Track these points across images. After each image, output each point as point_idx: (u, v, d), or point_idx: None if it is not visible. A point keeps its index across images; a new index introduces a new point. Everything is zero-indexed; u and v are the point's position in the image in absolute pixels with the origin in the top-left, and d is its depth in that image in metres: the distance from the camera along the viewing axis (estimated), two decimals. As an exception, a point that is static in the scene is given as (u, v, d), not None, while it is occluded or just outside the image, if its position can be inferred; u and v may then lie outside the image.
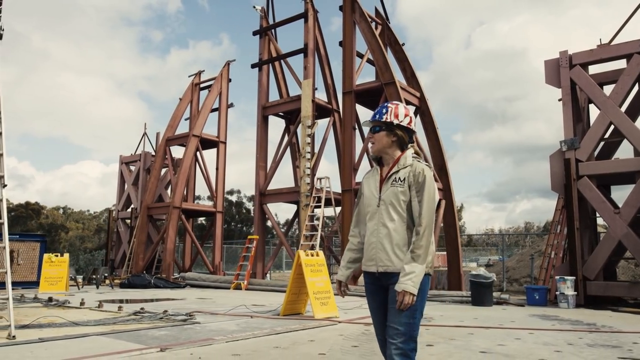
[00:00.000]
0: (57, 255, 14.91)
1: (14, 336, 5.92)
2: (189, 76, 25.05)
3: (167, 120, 23.61)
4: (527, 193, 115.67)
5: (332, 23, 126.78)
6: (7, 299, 6.19)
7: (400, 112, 3.03)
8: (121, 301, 11.32)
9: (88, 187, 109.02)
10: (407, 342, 2.73)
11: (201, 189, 42.76)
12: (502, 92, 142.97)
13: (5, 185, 6.63)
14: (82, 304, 9.85)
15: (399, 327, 2.74)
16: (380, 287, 2.93)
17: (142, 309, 8.66)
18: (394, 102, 3.13)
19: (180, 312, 8.51)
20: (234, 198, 63.12)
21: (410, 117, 3.06)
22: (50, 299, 10.55)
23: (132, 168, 26.50)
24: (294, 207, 20.20)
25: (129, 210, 25.65)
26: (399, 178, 2.92)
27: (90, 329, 6.78)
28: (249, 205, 63.35)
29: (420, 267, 2.75)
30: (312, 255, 8.99)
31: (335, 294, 6.86)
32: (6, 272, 6.32)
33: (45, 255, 14.84)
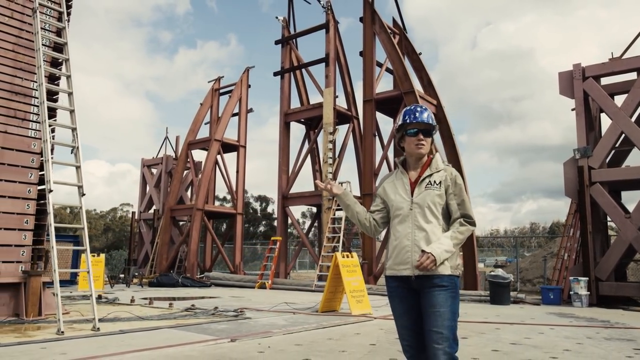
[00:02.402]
0: (94, 256, 15.73)
1: (98, 328, 6.73)
2: (209, 82, 25.93)
3: (175, 120, 25.25)
4: (533, 193, 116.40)
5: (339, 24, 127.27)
6: (90, 295, 7.00)
7: None
8: (162, 299, 12.12)
9: (94, 186, 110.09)
10: (452, 346, 2.72)
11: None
12: (508, 92, 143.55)
13: (84, 194, 7.44)
14: (132, 301, 10.67)
15: (444, 331, 2.71)
16: (410, 291, 2.89)
17: (192, 305, 9.47)
18: (421, 105, 3.13)
19: (228, 308, 9.30)
20: (231, 197, 63.56)
21: None
22: (99, 297, 11.37)
23: (154, 171, 27.35)
24: (300, 208, 20.90)
25: (151, 211, 26.50)
26: (434, 181, 2.92)
27: (157, 322, 7.58)
28: (256, 205, 64.10)
29: (452, 248, 2.80)
30: (347, 257, 9.76)
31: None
32: (88, 272, 7.13)
33: (83, 255, 15.65)
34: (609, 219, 13.50)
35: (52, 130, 8.34)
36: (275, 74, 20.42)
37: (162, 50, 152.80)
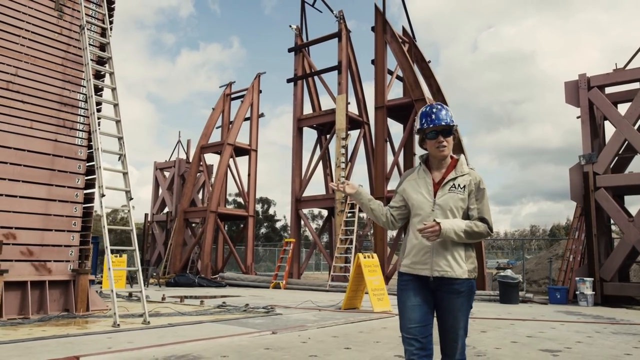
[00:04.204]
0: (117, 256, 16.35)
1: (148, 322, 7.34)
2: (220, 87, 26.61)
3: (176, 122, 26.28)
4: (533, 196, 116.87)
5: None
6: (140, 292, 7.62)
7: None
8: (189, 297, 12.72)
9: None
10: (464, 340, 2.94)
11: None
12: (508, 95, 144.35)
13: (131, 199, 8.06)
14: (163, 299, 11.28)
15: (460, 332, 2.88)
16: (423, 288, 2.91)
17: (223, 303, 10.08)
18: (438, 103, 3.06)
19: (257, 306, 9.91)
20: (242, 200, 63.89)
21: None
22: (130, 295, 11.99)
23: (166, 174, 28.00)
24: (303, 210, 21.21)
25: (163, 213, 27.13)
26: (459, 185, 2.89)
27: (198, 317, 8.18)
28: (258, 207, 64.42)
29: (461, 233, 2.79)
30: (369, 257, 10.38)
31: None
32: (137, 270, 7.75)
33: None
34: (612, 222, 14.12)
35: (97, 139, 8.95)
36: (289, 80, 21.08)
37: (165, 52, 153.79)
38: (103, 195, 7.64)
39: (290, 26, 20.91)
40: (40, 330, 6.60)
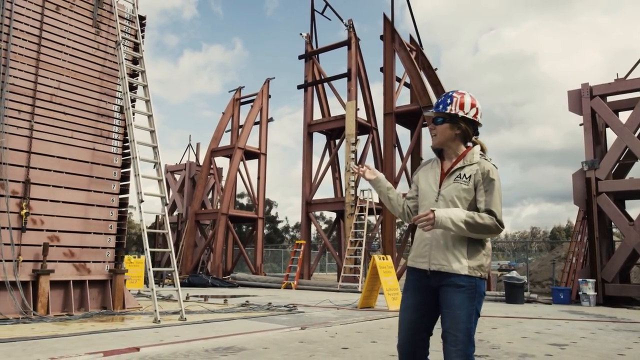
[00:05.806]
0: (135, 257, 16.96)
1: (185, 318, 7.94)
2: (230, 91, 27.29)
3: (178, 123, 26.42)
4: (534, 198, 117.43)
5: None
6: (177, 291, 8.21)
7: (467, 103, 2.80)
8: (209, 296, 13.28)
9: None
10: (467, 347, 2.63)
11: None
12: (509, 97, 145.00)
13: (167, 204, 8.65)
14: (187, 298, 11.85)
15: (458, 334, 2.62)
16: (426, 287, 2.79)
17: (247, 302, 10.67)
18: (460, 91, 2.87)
19: (279, 304, 10.50)
20: (244, 201, 64.11)
21: (477, 109, 2.83)
22: (154, 294, 12.55)
23: (177, 177, 28.62)
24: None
25: (174, 215, 27.73)
26: (464, 175, 2.75)
27: (228, 315, 8.77)
28: (260, 209, 64.27)
29: (460, 223, 2.59)
30: (384, 259, 10.97)
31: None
32: (174, 270, 8.35)
33: (125, 257, 16.87)
34: (613, 225, 14.72)
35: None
36: (299, 87, 21.72)
37: (167, 53, 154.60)
38: (142, 201, 8.23)
39: (301, 34, 21.57)
40: (89, 326, 7.19)
